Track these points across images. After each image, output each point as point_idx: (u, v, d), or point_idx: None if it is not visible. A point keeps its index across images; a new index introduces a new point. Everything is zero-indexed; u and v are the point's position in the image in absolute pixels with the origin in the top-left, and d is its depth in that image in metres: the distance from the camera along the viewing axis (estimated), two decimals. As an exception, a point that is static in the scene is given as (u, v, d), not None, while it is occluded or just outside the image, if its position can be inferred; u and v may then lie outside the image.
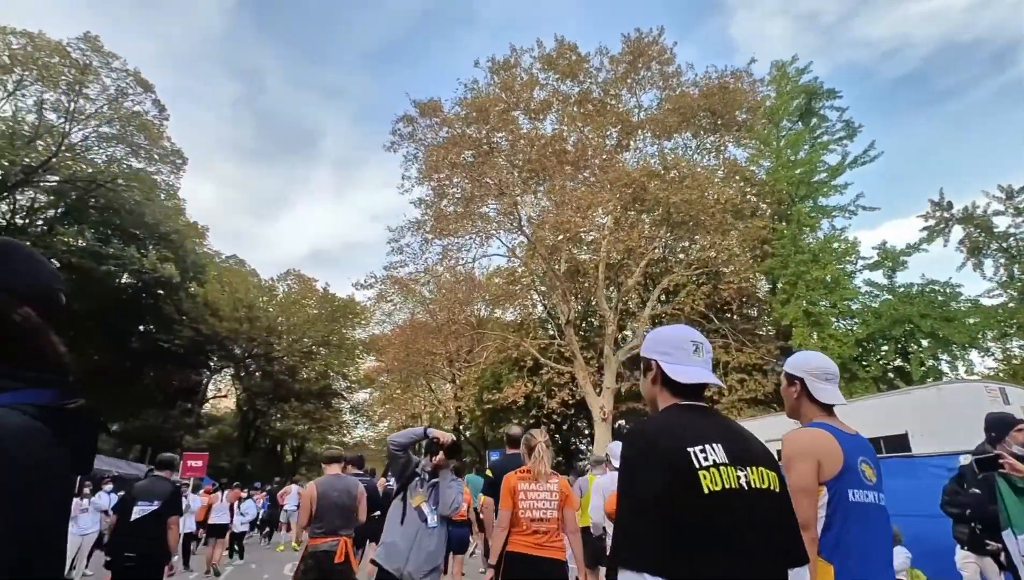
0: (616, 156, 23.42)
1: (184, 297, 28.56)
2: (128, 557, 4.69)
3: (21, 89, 23.30)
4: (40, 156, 23.09)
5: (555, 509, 3.80)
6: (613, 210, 19.00)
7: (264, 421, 34.17)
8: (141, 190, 26.40)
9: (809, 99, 21.47)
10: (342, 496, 4.62)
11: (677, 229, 20.92)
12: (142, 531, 4.76)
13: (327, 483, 4.64)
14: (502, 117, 23.06)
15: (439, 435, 3.47)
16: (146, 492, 4.93)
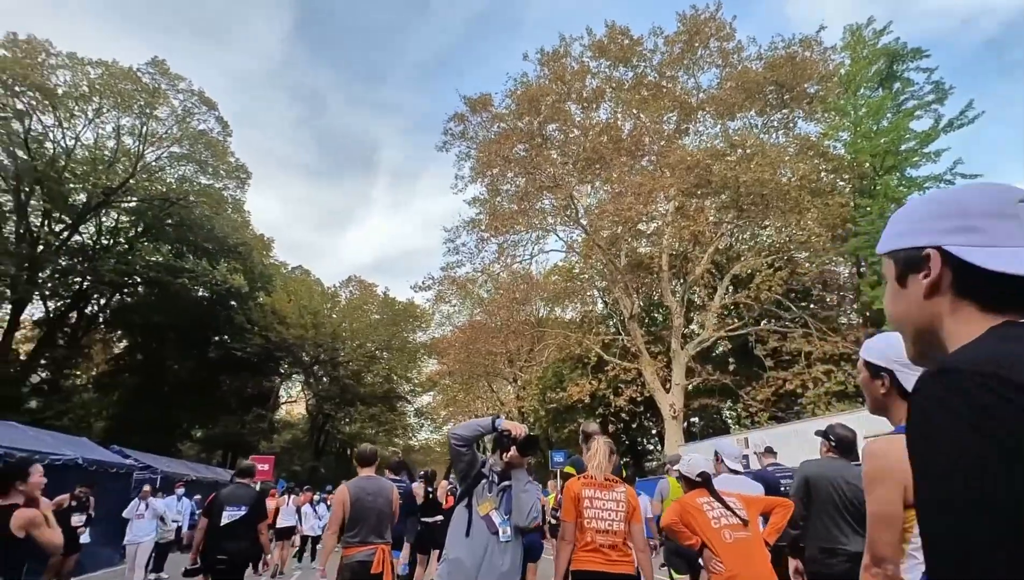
0: (675, 141, 22.27)
1: (253, 307, 29.59)
2: (220, 559, 4.91)
3: (100, 116, 24.79)
4: (119, 178, 24.45)
5: (622, 521, 3.46)
6: (675, 196, 17.93)
7: (333, 425, 34.95)
8: (210, 205, 27.53)
9: (890, 62, 19.54)
10: (376, 500, 4.18)
11: (746, 212, 19.54)
12: (232, 534, 4.97)
13: (360, 486, 4.21)
14: (554, 108, 22.42)
15: (511, 427, 2.82)
16: (233, 498, 5.14)
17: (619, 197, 18.57)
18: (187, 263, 25.49)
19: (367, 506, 4.10)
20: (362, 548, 4.02)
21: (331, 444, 40.70)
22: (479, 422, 2.85)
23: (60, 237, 25.08)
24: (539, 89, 21.19)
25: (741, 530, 3.45)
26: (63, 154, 24.48)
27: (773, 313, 20.90)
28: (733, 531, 3.43)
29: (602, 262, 23.68)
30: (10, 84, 20.39)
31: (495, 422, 2.79)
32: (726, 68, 22.65)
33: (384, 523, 4.21)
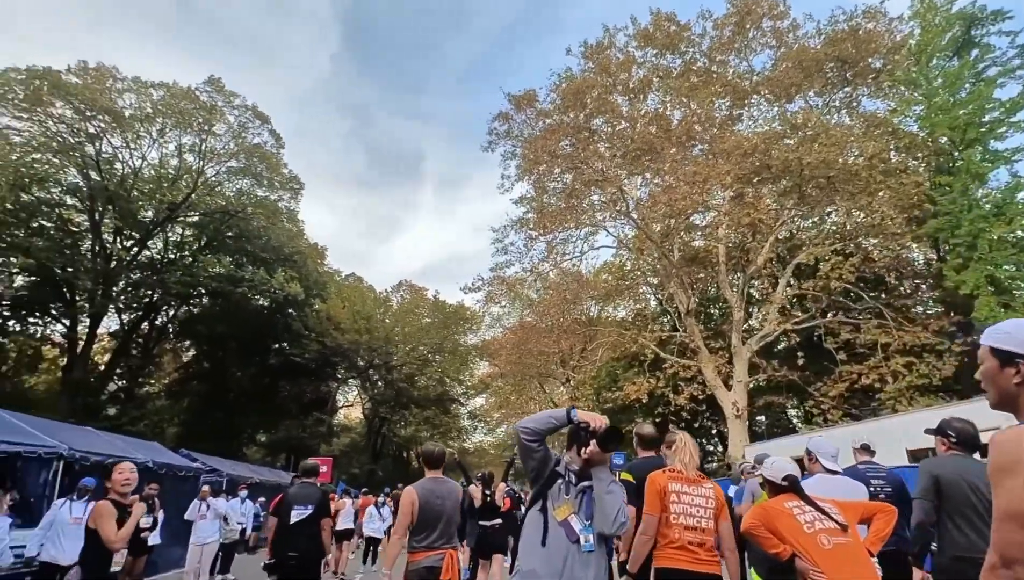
0: (728, 128, 21.32)
1: (309, 313, 30.37)
2: (291, 556, 5.14)
3: (163, 136, 26.05)
4: (182, 193, 25.59)
5: (711, 519, 3.25)
6: (732, 184, 17.06)
7: (389, 428, 35.45)
8: (265, 216, 28.44)
9: (967, 28, 18.01)
10: (445, 503, 3.93)
11: (810, 197, 18.41)
12: (300, 532, 5.21)
13: (427, 488, 3.94)
14: (599, 101, 21.91)
15: (589, 418, 2.38)
16: (300, 497, 5.37)
17: (672, 188, 17.87)
18: (246, 273, 26.37)
19: (435, 509, 3.85)
20: (430, 553, 3.79)
21: (388, 447, 41.29)
22: (552, 413, 2.45)
23: (131, 253, 26.46)
24: (584, 82, 20.72)
25: (840, 535, 3.00)
26: (131, 174, 25.83)
27: (842, 304, 19.64)
28: (831, 536, 2.98)
29: (655, 257, 22.97)
30: (82, 109, 21.65)
31: (570, 413, 2.38)
32: (780, 48, 21.54)
33: (452, 527, 3.97)
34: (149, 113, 24.48)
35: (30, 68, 20.81)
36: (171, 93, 24.72)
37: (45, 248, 21.95)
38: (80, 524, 5.75)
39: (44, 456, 8.07)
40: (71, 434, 9.97)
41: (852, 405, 18.76)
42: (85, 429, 11.72)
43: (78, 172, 23.94)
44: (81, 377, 23.99)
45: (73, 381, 23.87)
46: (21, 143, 21.16)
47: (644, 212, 19.02)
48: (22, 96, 20.63)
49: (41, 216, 23.22)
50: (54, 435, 8.87)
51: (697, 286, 23.73)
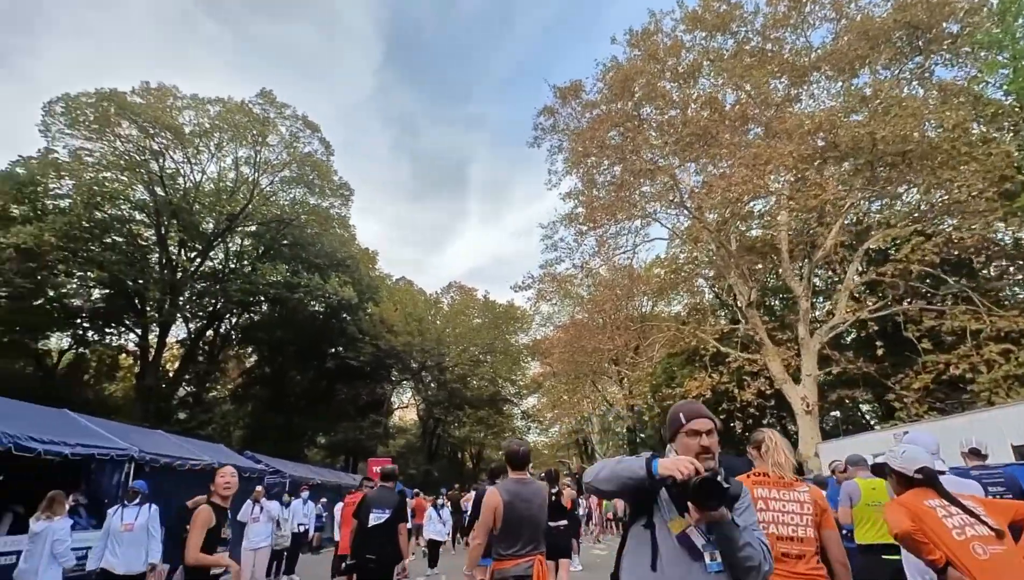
0: (786, 109, 20.17)
1: (363, 317, 30.88)
2: (369, 559, 5.20)
3: (221, 150, 27.08)
4: (239, 205, 26.50)
5: (809, 526, 2.78)
6: (795, 165, 16.00)
7: (444, 428, 35.65)
8: (318, 223, 29.13)
9: (1059, -21, 16.29)
10: (531, 507, 3.58)
11: (883, 176, 17.10)
12: (378, 535, 5.27)
13: (513, 491, 3.58)
14: (648, 89, 21.19)
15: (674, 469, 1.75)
16: (379, 501, 5.45)
17: (728, 174, 16.99)
18: (302, 279, 27.04)
19: (522, 514, 3.52)
20: (518, 561, 3.46)
21: (442, 448, 41.58)
22: (626, 466, 1.89)
23: (194, 263, 27.62)
24: (631, 68, 20.06)
25: (995, 543, 2.48)
26: (193, 188, 26.99)
27: (920, 289, 18.18)
28: (985, 544, 2.47)
29: (712, 248, 22.03)
30: (145, 127, 22.72)
31: (651, 467, 1.81)
32: (841, 20, 20.23)
33: (540, 531, 3.63)
34: (207, 128, 25.48)
35: (99, 91, 22.06)
36: (226, 108, 25.66)
37: (117, 262, 23.15)
38: (132, 531, 5.67)
39: (116, 458, 8.28)
40: (141, 437, 10.28)
41: (938, 398, 17.31)
42: (155, 432, 12.11)
43: (144, 188, 25.17)
44: (153, 383, 25.18)
45: (145, 387, 25.08)
46: (93, 163, 22.39)
47: (699, 200, 18.18)
48: (92, 118, 21.85)
49: (113, 232, 24.50)
50: (125, 438, 9.12)
51: (758, 276, 22.59)
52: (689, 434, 2.05)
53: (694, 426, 2.04)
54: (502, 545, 3.46)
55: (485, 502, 3.53)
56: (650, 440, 34.80)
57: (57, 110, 22.14)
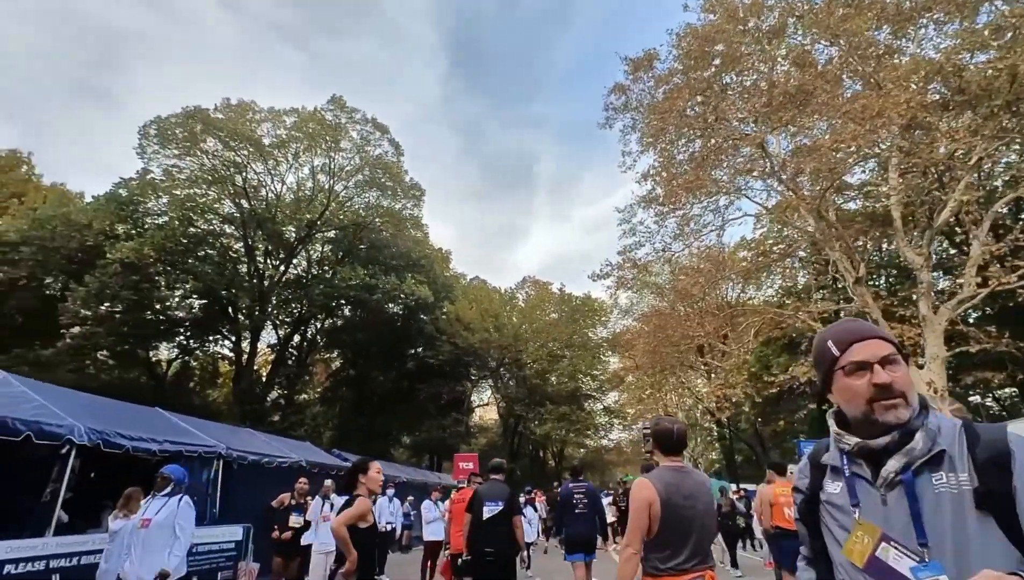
0: (888, 61, 17.84)
1: (439, 316, 30.96)
2: (487, 552, 5.11)
3: (298, 160, 27.98)
4: (317, 212, 27.25)
5: None
6: (914, 114, 13.93)
7: (525, 426, 35.13)
8: (393, 224, 29.46)
9: None
10: (696, 504, 2.66)
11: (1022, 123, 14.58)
12: (494, 528, 5.18)
13: (669, 482, 2.68)
14: (729, 51, 19.53)
15: None
16: (491, 494, 5.37)
17: (834, 130, 15.12)
18: (379, 281, 27.40)
19: (683, 515, 2.61)
20: (683, 577, 2.56)
21: (524, 446, 41.11)
22: None
23: (279, 271, 28.73)
24: (711, 28, 18.50)
25: None
26: (275, 198, 28.08)
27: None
28: None
29: (809, 222, 19.98)
30: (227, 141, 23.79)
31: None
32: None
33: (708, 538, 2.67)
34: (284, 139, 26.37)
35: (185, 108, 23.38)
36: (300, 118, 26.45)
37: (211, 272, 24.40)
38: (148, 528, 4.47)
39: (204, 455, 8.21)
40: (229, 435, 10.30)
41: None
42: (243, 430, 12.24)
43: (231, 201, 26.43)
44: (247, 387, 26.35)
45: (241, 391, 26.30)
46: (183, 179, 23.72)
47: (798, 165, 16.37)
48: (181, 137, 23.15)
49: (206, 245, 25.88)
50: (214, 436, 9.11)
51: (866, 249, 20.29)
52: (851, 371, 1.26)
53: (855, 355, 1.25)
54: (658, 556, 2.57)
55: (636, 497, 2.65)
56: (745, 434, 32.56)
57: (151, 132, 23.66)
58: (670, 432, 2.75)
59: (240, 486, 8.92)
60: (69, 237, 21.95)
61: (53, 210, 22.81)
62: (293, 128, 26.42)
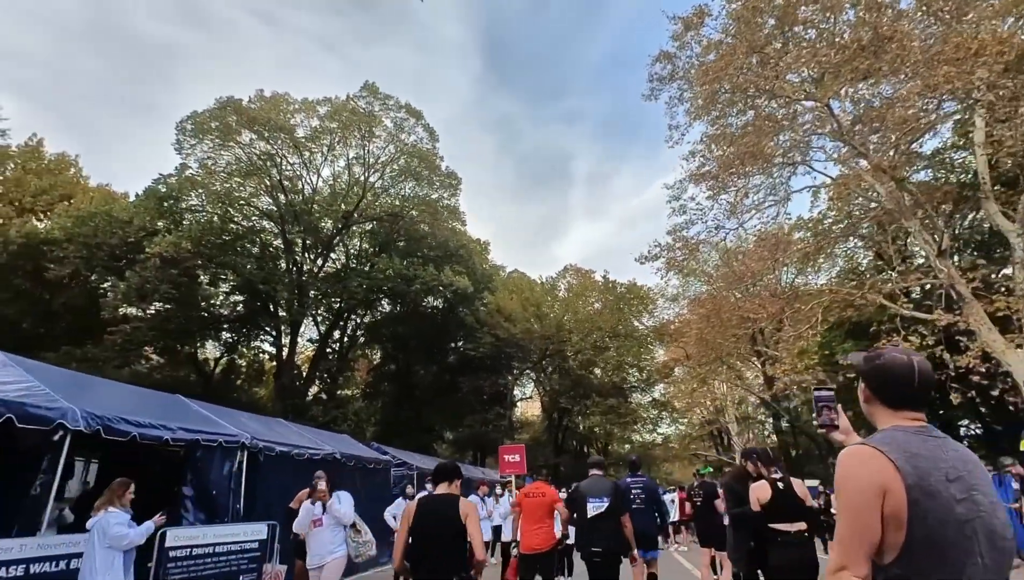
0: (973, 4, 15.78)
1: (479, 306, 30.07)
2: (595, 552, 4.87)
3: (333, 152, 27.56)
4: (352, 203, 26.75)
5: None
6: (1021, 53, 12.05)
7: (570, 419, 33.96)
8: (430, 214, 28.72)
9: None
10: (975, 494, 1.41)
11: None
12: (601, 526, 4.95)
13: (924, 453, 1.44)
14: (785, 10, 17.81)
15: None
16: (594, 490, 5.13)
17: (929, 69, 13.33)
18: (417, 272, 26.72)
19: (955, 515, 1.36)
20: None
21: (568, 441, 39.97)
22: None
23: (317, 265, 28.41)
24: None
25: None
26: (311, 192, 27.77)
27: None
28: None
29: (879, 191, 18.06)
30: (261, 131, 23.47)
31: None
32: None
33: (1005, 560, 1.41)
34: (317, 130, 25.94)
35: (218, 99, 23.16)
36: (334, 107, 25.95)
37: (250, 267, 24.18)
38: None
39: (225, 445, 7.42)
40: (259, 424, 9.57)
41: None
42: (276, 420, 11.54)
43: (268, 196, 26.22)
44: (288, 382, 26.10)
45: (282, 386, 26.06)
46: (219, 171, 23.54)
47: (878, 115, 14.56)
48: (215, 128, 22.93)
49: (245, 239, 25.73)
50: (240, 425, 8.35)
51: (953, 218, 18.23)
52: None
53: None
54: (914, 565, 1.37)
55: (849, 478, 1.47)
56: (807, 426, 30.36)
57: (187, 128, 23.57)
58: (909, 370, 1.55)
59: (268, 479, 8.13)
60: (111, 233, 22.06)
61: (96, 208, 23.00)
62: (326, 117, 25.96)
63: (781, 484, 3.89)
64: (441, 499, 3.68)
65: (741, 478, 4.96)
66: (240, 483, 7.56)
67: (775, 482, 3.92)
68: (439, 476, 3.90)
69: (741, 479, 4.95)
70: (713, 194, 20.13)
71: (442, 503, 3.62)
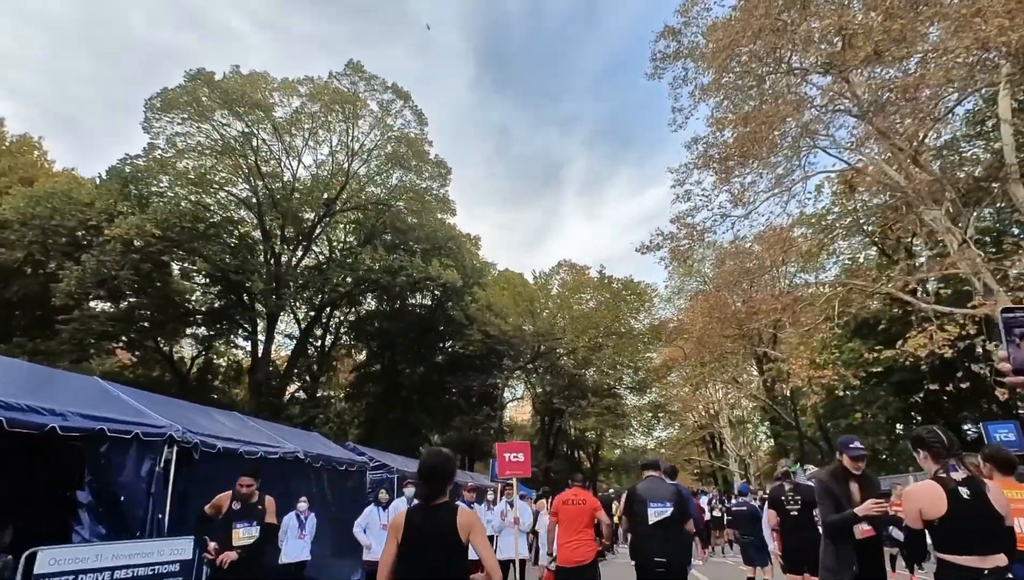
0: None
1: (469, 302, 28.52)
2: (658, 562, 4.50)
3: (315, 136, 25.90)
4: (334, 191, 25.15)
5: None
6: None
7: (564, 422, 32.43)
8: (418, 202, 27.16)
9: None
10: None
11: None
12: (665, 534, 4.57)
13: None
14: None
15: None
16: (655, 494, 4.72)
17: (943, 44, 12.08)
18: (404, 263, 25.14)
19: None
20: None
21: (559, 445, 38.50)
22: None
23: (296, 255, 26.74)
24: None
25: None
26: (291, 178, 26.11)
27: None
28: None
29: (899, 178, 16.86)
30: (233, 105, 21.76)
31: None
32: None
33: None
34: (298, 111, 24.31)
35: (188, 72, 21.41)
36: (315, 87, 24.31)
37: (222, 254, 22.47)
38: None
39: (144, 438, 5.82)
40: (197, 415, 7.95)
41: None
42: (226, 412, 9.91)
43: (245, 181, 24.53)
44: (264, 379, 24.35)
45: (257, 383, 24.30)
46: (188, 148, 21.80)
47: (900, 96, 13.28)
48: (183, 101, 21.17)
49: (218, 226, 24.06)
50: (171, 415, 6.75)
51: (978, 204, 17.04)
52: None
53: None
54: None
55: None
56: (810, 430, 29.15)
57: (156, 105, 21.82)
58: None
59: (206, 483, 6.52)
60: (69, 216, 20.25)
61: (54, 188, 21.16)
62: (307, 98, 24.29)
63: (967, 491, 2.38)
64: (434, 510, 2.72)
65: (840, 476, 3.52)
66: (165, 487, 5.96)
67: (955, 486, 2.42)
68: (432, 478, 2.78)
69: (840, 478, 3.51)
70: (721, 178, 18.83)
71: (434, 514, 2.70)
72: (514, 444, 8.10)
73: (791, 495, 5.21)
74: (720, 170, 18.27)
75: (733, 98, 18.79)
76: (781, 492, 5.42)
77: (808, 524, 5.07)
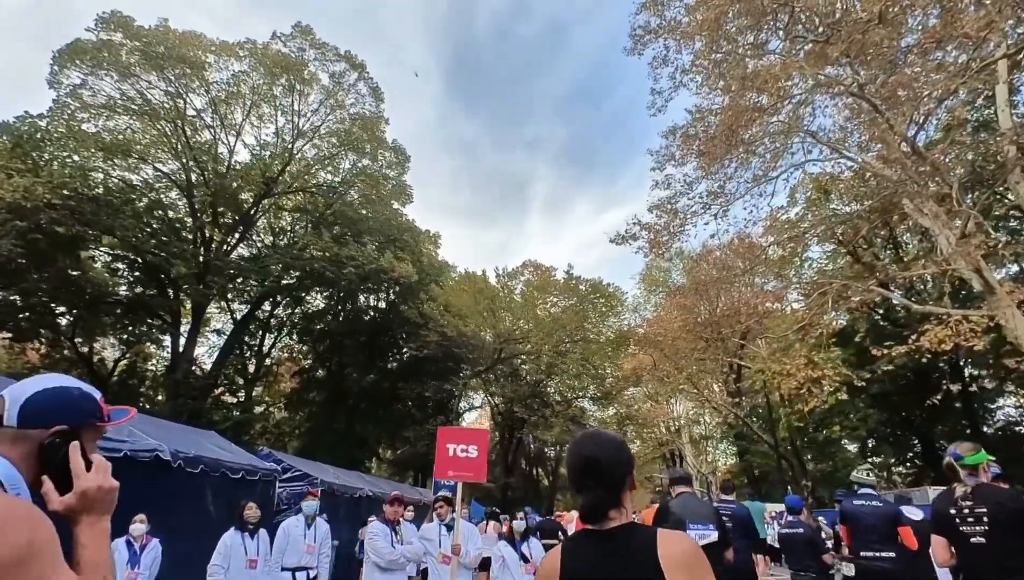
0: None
1: (424, 300, 26.04)
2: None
3: (257, 110, 23.19)
4: (275, 170, 22.47)
5: None
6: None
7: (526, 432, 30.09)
8: (371, 187, 24.67)
9: None
10: None
11: None
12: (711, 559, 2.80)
13: None
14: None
15: None
16: (695, 513, 4.09)
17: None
18: (353, 251, 22.53)
19: None
20: None
21: (518, 461, 36.16)
22: None
23: (229, 241, 23.81)
24: None
25: None
26: (227, 154, 23.29)
27: None
28: None
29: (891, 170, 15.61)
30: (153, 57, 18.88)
31: None
32: None
33: None
34: (235, 75, 21.57)
35: (100, 15, 18.43)
36: (258, 52, 21.64)
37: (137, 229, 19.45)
38: None
39: None
40: None
41: None
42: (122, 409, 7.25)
43: (171, 152, 21.60)
44: (182, 377, 21.16)
45: (175, 382, 21.09)
46: (98, 106, 18.78)
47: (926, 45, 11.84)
48: (92, 49, 18.19)
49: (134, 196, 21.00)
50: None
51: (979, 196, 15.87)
52: None
53: None
54: None
55: None
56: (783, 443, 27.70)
57: (65, 58, 18.76)
58: None
59: None
60: (-54, 179, 16.88)
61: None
62: (248, 64, 21.59)
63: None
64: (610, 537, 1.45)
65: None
66: None
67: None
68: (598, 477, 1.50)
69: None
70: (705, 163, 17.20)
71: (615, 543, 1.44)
72: (464, 431, 5.62)
73: (969, 508, 3.02)
74: (706, 150, 16.65)
75: (722, 70, 17.29)
76: (951, 504, 3.21)
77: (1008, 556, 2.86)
